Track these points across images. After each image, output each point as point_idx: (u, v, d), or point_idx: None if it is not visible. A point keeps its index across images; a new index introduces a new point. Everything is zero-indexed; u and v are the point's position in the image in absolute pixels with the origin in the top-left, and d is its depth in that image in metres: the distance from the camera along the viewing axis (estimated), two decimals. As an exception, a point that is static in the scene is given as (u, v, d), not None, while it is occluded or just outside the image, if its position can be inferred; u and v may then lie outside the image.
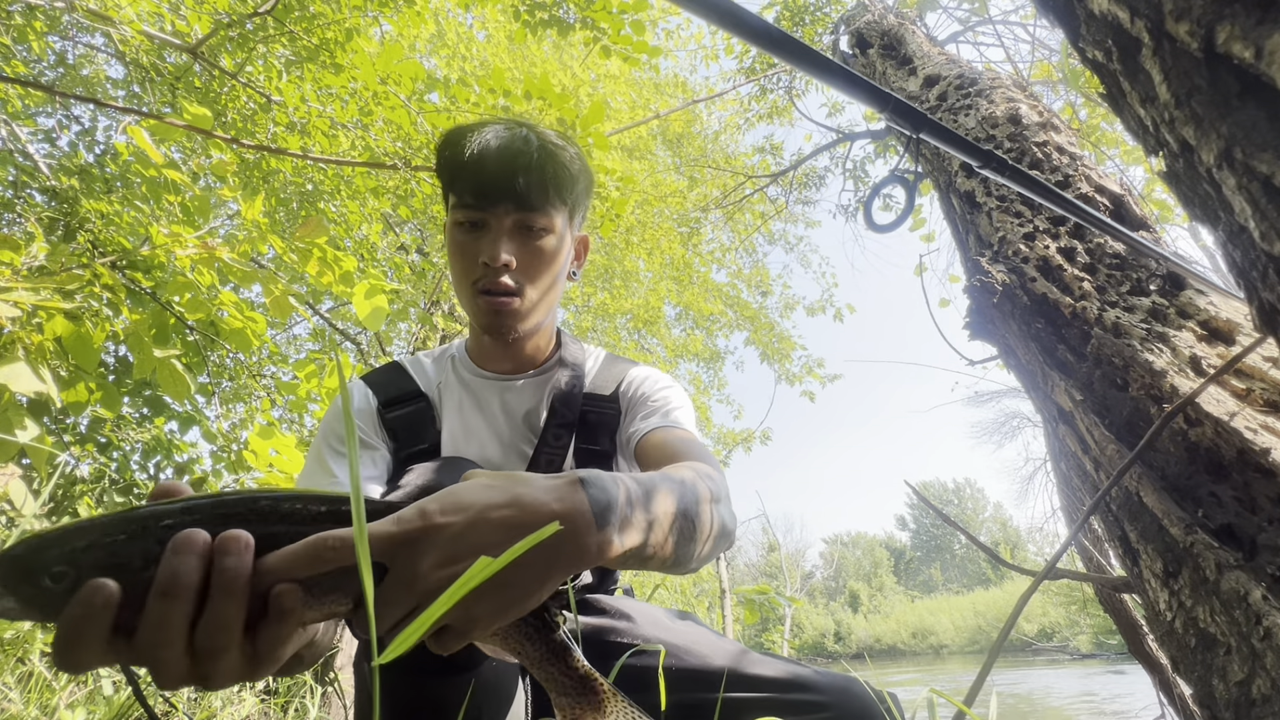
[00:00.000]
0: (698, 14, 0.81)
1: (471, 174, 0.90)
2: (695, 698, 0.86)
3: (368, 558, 0.31)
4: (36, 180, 2.51)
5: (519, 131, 0.93)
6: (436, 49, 6.15)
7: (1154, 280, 1.32)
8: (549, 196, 0.92)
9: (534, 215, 0.92)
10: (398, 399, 1.00)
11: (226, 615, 0.39)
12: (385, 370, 1.06)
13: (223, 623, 0.39)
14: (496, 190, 0.90)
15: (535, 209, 0.91)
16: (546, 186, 0.91)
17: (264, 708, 3.36)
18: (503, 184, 0.89)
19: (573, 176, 0.96)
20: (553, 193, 0.92)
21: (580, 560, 0.50)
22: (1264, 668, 0.76)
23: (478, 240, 0.92)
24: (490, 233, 0.91)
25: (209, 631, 0.39)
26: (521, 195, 0.90)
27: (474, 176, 0.90)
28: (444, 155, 0.95)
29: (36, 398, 1.53)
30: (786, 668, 0.86)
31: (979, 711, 0.73)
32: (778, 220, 7.99)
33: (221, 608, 0.39)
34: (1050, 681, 14.15)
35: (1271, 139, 0.48)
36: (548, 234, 0.95)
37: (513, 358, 1.04)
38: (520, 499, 0.49)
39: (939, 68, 2.49)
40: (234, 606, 0.39)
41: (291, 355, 6.06)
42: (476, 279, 0.92)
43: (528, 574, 0.48)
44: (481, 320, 0.96)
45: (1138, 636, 1.71)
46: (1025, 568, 1.31)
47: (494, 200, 0.90)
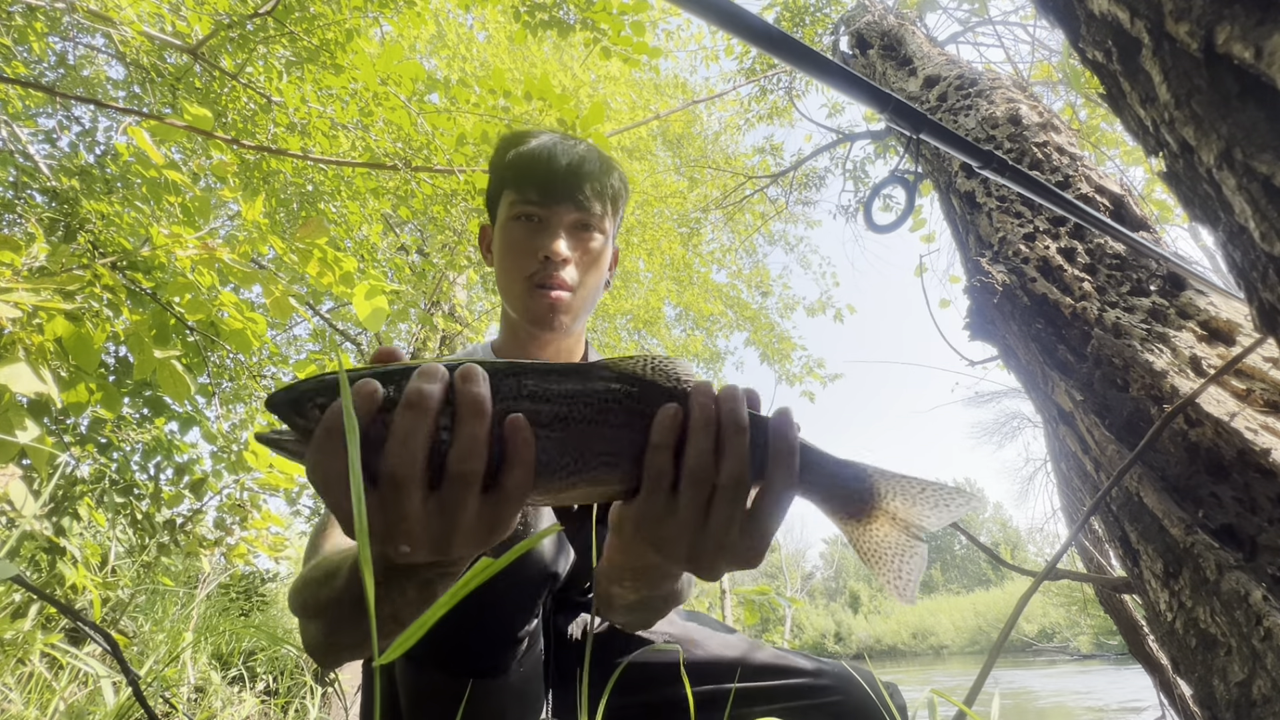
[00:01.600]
0: (698, 15, 0.81)
1: (540, 173, 0.97)
2: (708, 688, 0.91)
3: (368, 555, 0.31)
4: (37, 181, 2.51)
5: (579, 142, 1.03)
6: (437, 50, 6.15)
7: (1154, 281, 1.32)
8: (604, 203, 1.01)
9: (591, 217, 1.00)
10: None
11: (475, 435, 0.41)
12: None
13: (470, 445, 0.41)
14: (561, 190, 0.97)
15: (593, 212, 0.99)
16: (604, 193, 1.00)
17: (264, 708, 3.36)
18: (567, 185, 0.97)
19: (623, 189, 1.05)
20: (608, 200, 1.01)
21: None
22: (1264, 668, 0.76)
23: (535, 236, 0.98)
24: (549, 229, 0.98)
25: (458, 455, 0.41)
26: (583, 198, 0.98)
27: (541, 175, 0.97)
28: (506, 154, 1.02)
29: (37, 398, 1.53)
30: (791, 657, 0.93)
31: (981, 711, 0.73)
32: (778, 221, 7.99)
33: (469, 429, 0.41)
34: (1050, 682, 14.14)
35: (1271, 139, 0.48)
36: (600, 237, 1.02)
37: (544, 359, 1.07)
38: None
39: (939, 68, 2.49)
40: (480, 426, 0.41)
41: (292, 356, 6.06)
42: (532, 272, 0.97)
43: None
44: (533, 312, 0.99)
45: (1138, 637, 1.71)
46: (1025, 568, 1.31)
47: (558, 199, 0.97)
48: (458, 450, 0.41)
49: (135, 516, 2.61)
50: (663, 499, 0.46)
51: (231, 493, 2.70)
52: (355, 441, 0.36)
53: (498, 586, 0.74)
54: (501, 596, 0.75)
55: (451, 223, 3.16)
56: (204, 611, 4.13)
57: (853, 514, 0.54)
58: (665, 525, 0.47)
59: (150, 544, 2.81)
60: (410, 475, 0.41)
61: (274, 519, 2.76)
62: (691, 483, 0.46)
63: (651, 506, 0.47)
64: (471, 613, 0.74)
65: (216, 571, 3.74)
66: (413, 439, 0.40)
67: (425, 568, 0.50)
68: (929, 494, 0.54)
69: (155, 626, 3.46)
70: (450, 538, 0.43)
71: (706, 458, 0.46)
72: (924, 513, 0.54)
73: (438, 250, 3.66)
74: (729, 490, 0.46)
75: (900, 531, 0.54)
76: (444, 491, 0.42)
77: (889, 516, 0.54)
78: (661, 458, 0.46)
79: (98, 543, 2.62)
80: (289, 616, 6.47)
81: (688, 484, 0.46)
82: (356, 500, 0.34)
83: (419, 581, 0.52)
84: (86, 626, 1.30)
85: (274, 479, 2.52)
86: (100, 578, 2.47)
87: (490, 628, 0.77)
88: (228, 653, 3.89)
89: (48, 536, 2.23)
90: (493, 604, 0.75)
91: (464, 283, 5.95)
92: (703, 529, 0.47)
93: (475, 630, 0.76)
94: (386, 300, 2.03)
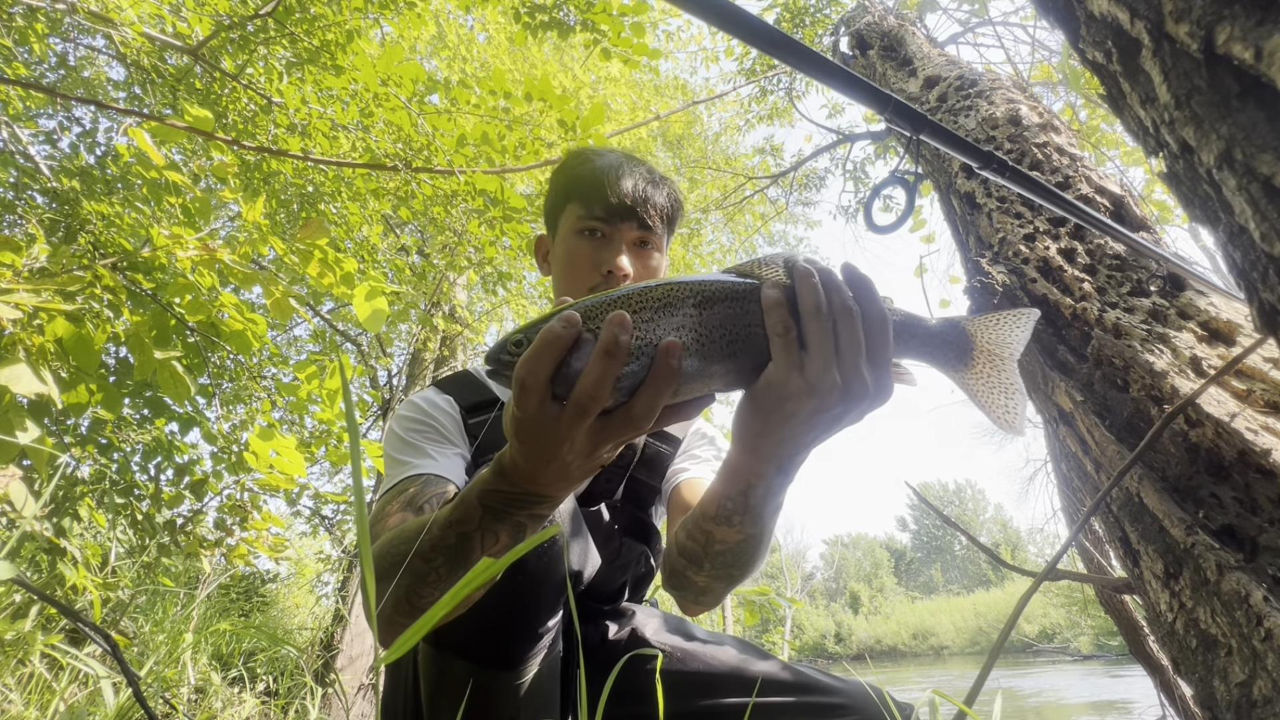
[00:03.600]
0: (698, 15, 0.81)
1: (606, 190, 1.01)
2: (722, 702, 0.93)
3: (369, 552, 0.31)
4: (38, 182, 2.51)
5: (643, 163, 1.08)
6: (437, 50, 6.16)
7: (1154, 281, 1.32)
8: (664, 221, 1.06)
9: (651, 235, 1.05)
10: (478, 405, 1.07)
11: (656, 384, 0.53)
12: (460, 378, 1.13)
13: (650, 385, 0.52)
14: (625, 209, 1.02)
15: (653, 230, 1.04)
16: (665, 212, 1.05)
17: (264, 709, 3.36)
18: (633, 202, 1.02)
19: (680, 207, 1.11)
20: (667, 219, 1.07)
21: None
22: (1265, 669, 0.76)
23: (598, 250, 1.03)
24: (612, 245, 1.03)
25: (643, 391, 0.53)
26: (645, 215, 1.03)
27: (607, 193, 1.01)
28: (574, 171, 1.07)
29: (37, 399, 1.53)
30: (808, 674, 0.94)
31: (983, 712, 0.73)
32: (778, 221, 8.00)
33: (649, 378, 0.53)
34: (1051, 683, 14.13)
35: (1271, 140, 0.48)
36: (657, 255, 1.07)
37: None
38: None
39: (939, 69, 2.49)
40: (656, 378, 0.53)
41: (292, 356, 6.06)
42: (594, 286, 1.02)
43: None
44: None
45: (1139, 637, 1.71)
46: (1026, 569, 1.30)
47: (623, 216, 1.02)
48: (641, 388, 0.52)
49: (135, 517, 2.61)
50: (792, 355, 0.56)
51: (232, 493, 2.70)
52: (356, 441, 0.36)
53: (523, 580, 0.77)
54: (526, 590, 0.78)
55: (452, 223, 3.16)
56: (204, 612, 4.13)
57: (961, 360, 0.64)
58: (791, 382, 0.56)
59: (150, 545, 2.81)
60: (594, 409, 0.51)
61: (274, 520, 2.76)
62: (809, 321, 0.56)
63: (781, 367, 0.56)
64: (496, 605, 0.76)
65: (217, 572, 3.74)
66: (601, 386, 0.50)
67: (520, 507, 0.60)
68: (1005, 322, 0.64)
69: (155, 627, 3.46)
70: (601, 449, 0.54)
71: (817, 301, 0.56)
72: (1008, 338, 0.63)
73: (438, 251, 3.66)
74: (847, 318, 0.56)
75: (998, 365, 0.63)
76: (614, 413, 0.53)
77: (986, 354, 0.64)
78: (778, 311, 0.56)
79: (98, 543, 2.62)
80: (289, 617, 6.48)
81: (808, 321, 0.56)
82: (358, 502, 0.34)
83: (512, 525, 0.62)
84: (87, 627, 1.30)
85: (274, 480, 2.52)
86: (100, 578, 2.47)
87: (514, 620, 0.79)
88: (228, 653, 3.89)
89: (48, 537, 2.23)
90: (517, 597, 0.78)
91: (464, 284, 5.95)
92: (826, 370, 0.55)
93: (499, 621, 0.78)
94: (386, 301, 2.03)
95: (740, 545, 0.74)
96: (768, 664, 0.96)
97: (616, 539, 1.08)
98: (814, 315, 0.55)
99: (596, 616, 1.09)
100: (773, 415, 0.58)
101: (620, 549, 1.09)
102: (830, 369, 0.55)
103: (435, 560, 0.65)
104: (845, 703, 0.88)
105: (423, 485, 0.88)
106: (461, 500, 0.63)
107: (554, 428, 0.52)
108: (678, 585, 0.85)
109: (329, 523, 5.09)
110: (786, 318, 0.55)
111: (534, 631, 0.81)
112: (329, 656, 4.45)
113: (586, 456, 0.55)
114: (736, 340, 0.57)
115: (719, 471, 0.71)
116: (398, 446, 0.97)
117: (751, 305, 0.57)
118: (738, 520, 0.70)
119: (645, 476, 1.13)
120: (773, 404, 0.57)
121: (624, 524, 1.11)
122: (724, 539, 0.73)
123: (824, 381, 0.55)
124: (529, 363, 0.51)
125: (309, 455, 2.95)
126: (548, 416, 0.52)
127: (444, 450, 0.97)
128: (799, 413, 0.56)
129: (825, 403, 0.56)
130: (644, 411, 0.53)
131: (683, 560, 0.80)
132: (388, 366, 6.30)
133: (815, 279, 0.56)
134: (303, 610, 6.64)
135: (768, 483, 0.66)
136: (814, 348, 0.55)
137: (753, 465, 0.65)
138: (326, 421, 2.92)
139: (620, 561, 1.09)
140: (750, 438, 0.62)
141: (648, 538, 1.15)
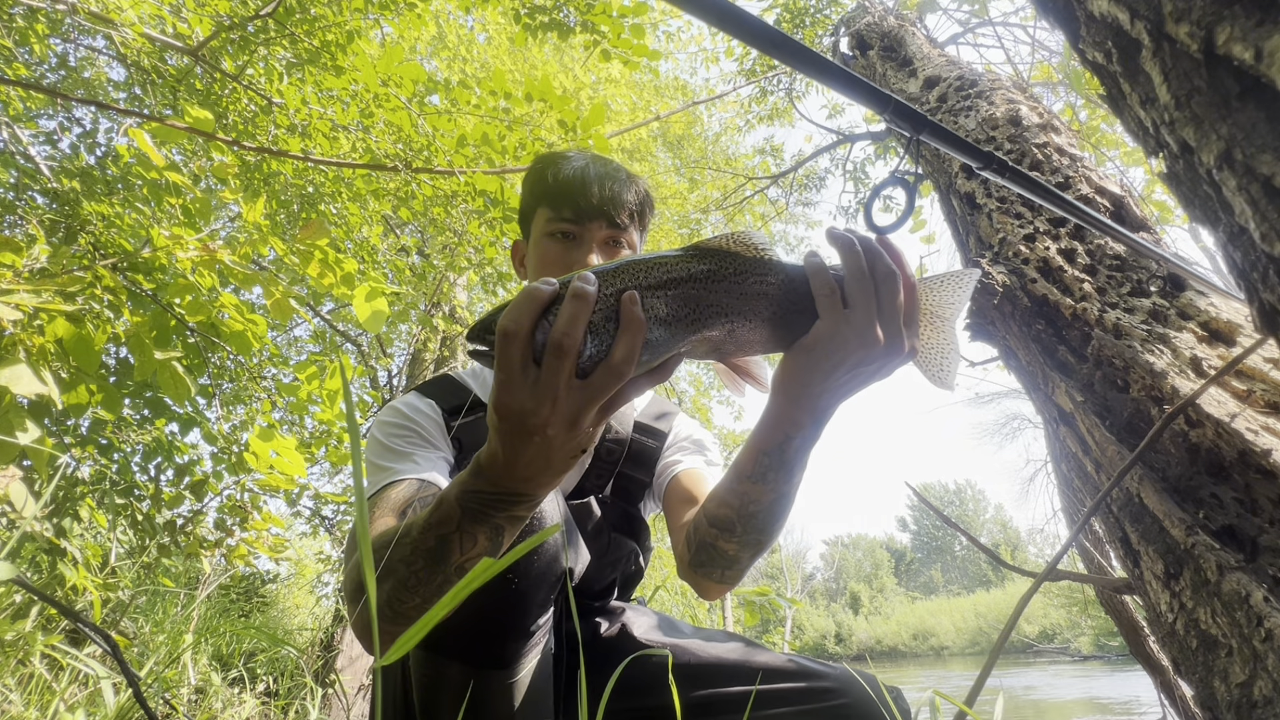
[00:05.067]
0: (698, 16, 0.81)
1: (574, 192, 1.03)
2: (709, 692, 0.94)
3: (369, 555, 0.31)
4: (38, 182, 2.51)
5: (610, 161, 1.09)
6: (437, 51, 6.16)
7: (1154, 281, 1.32)
8: (634, 218, 1.07)
9: (621, 233, 1.06)
10: (460, 408, 1.07)
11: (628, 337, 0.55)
12: (441, 382, 1.14)
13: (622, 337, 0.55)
14: (594, 208, 1.03)
15: (623, 227, 1.06)
16: (633, 209, 1.06)
17: (264, 710, 3.36)
18: (600, 203, 1.03)
19: (650, 204, 1.12)
20: (636, 215, 1.08)
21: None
22: (1265, 669, 0.76)
23: (569, 253, 1.04)
24: (583, 246, 1.04)
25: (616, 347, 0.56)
26: (614, 214, 1.04)
27: (576, 194, 1.03)
28: (542, 174, 1.08)
29: (38, 400, 1.53)
30: (794, 661, 0.95)
31: (983, 712, 0.73)
32: (778, 221, 8.00)
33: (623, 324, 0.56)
34: (1051, 683, 14.12)
35: (1271, 140, 0.48)
36: (629, 250, 1.08)
37: None
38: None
39: (939, 69, 2.49)
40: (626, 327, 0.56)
41: (292, 357, 6.06)
42: None
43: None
44: None
45: (1139, 638, 1.71)
46: (1026, 569, 1.30)
47: (591, 216, 1.03)
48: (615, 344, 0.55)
49: (136, 518, 2.61)
50: (838, 311, 0.62)
51: (232, 494, 2.70)
52: (356, 441, 0.36)
53: (517, 580, 0.78)
54: (515, 588, 0.78)
55: (452, 224, 3.16)
56: (204, 613, 4.13)
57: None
58: (839, 334, 0.62)
59: (150, 545, 2.81)
60: (570, 349, 0.52)
61: (274, 520, 2.76)
62: (856, 283, 0.62)
63: (829, 322, 0.62)
64: (489, 605, 0.77)
65: (217, 573, 3.74)
66: (575, 324, 0.53)
67: (498, 508, 0.61)
68: (948, 282, 0.67)
69: (156, 628, 3.46)
70: (583, 414, 0.55)
71: (861, 267, 0.63)
72: (950, 299, 0.67)
73: (438, 252, 3.66)
74: (890, 281, 0.62)
75: (939, 325, 0.67)
76: (590, 377, 0.55)
77: (929, 314, 0.67)
78: (823, 274, 0.63)
79: (98, 544, 2.62)
80: (289, 617, 6.47)
81: (854, 283, 0.62)
82: (359, 502, 0.34)
83: (490, 527, 0.62)
84: (87, 628, 1.30)
85: (274, 480, 2.52)
86: (101, 579, 2.47)
87: (504, 618, 0.79)
88: (228, 654, 3.89)
89: (48, 538, 2.22)
90: (511, 596, 0.78)
91: (464, 284, 5.95)
92: (870, 325, 0.61)
93: (492, 621, 0.78)
94: (386, 302, 2.03)
95: (772, 504, 0.78)
96: (759, 654, 0.98)
97: (605, 534, 1.09)
98: (858, 278, 0.62)
99: (586, 614, 1.09)
100: (819, 366, 0.64)
101: (609, 545, 1.09)
102: (873, 325, 0.62)
103: (416, 564, 0.65)
104: (833, 686, 0.89)
105: (406, 490, 0.88)
106: (440, 502, 0.64)
107: (535, 386, 0.54)
108: (705, 560, 0.88)
109: (329, 523, 5.09)
110: (830, 280, 0.62)
111: (526, 630, 0.81)
112: (329, 657, 4.45)
113: (569, 426, 0.56)
114: (694, 306, 0.60)
115: (755, 429, 0.75)
116: (379, 452, 0.97)
117: (715, 279, 0.61)
118: (772, 476, 0.74)
119: (634, 471, 1.14)
120: (820, 355, 0.63)
121: (613, 519, 1.12)
122: (758, 498, 0.77)
123: (869, 335, 0.62)
124: (511, 313, 0.54)
125: (309, 456, 2.95)
126: (528, 377, 0.54)
127: (427, 454, 0.97)
128: (845, 363, 0.63)
129: (870, 354, 0.62)
130: (623, 358, 0.55)
131: (714, 530, 0.83)
132: (388, 367, 6.31)
133: (857, 246, 0.63)
134: (303, 611, 6.64)
135: (805, 433, 0.71)
136: (859, 306, 0.62)
137: (793, 415, 0.69)
138: (327, 422, 2.92)
139: (609, 558, 1.10)
140: (796, 388, 0.67)
141: (637, 534, 1.16)
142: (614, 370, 0.55)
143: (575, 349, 0.53)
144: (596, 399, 0.55)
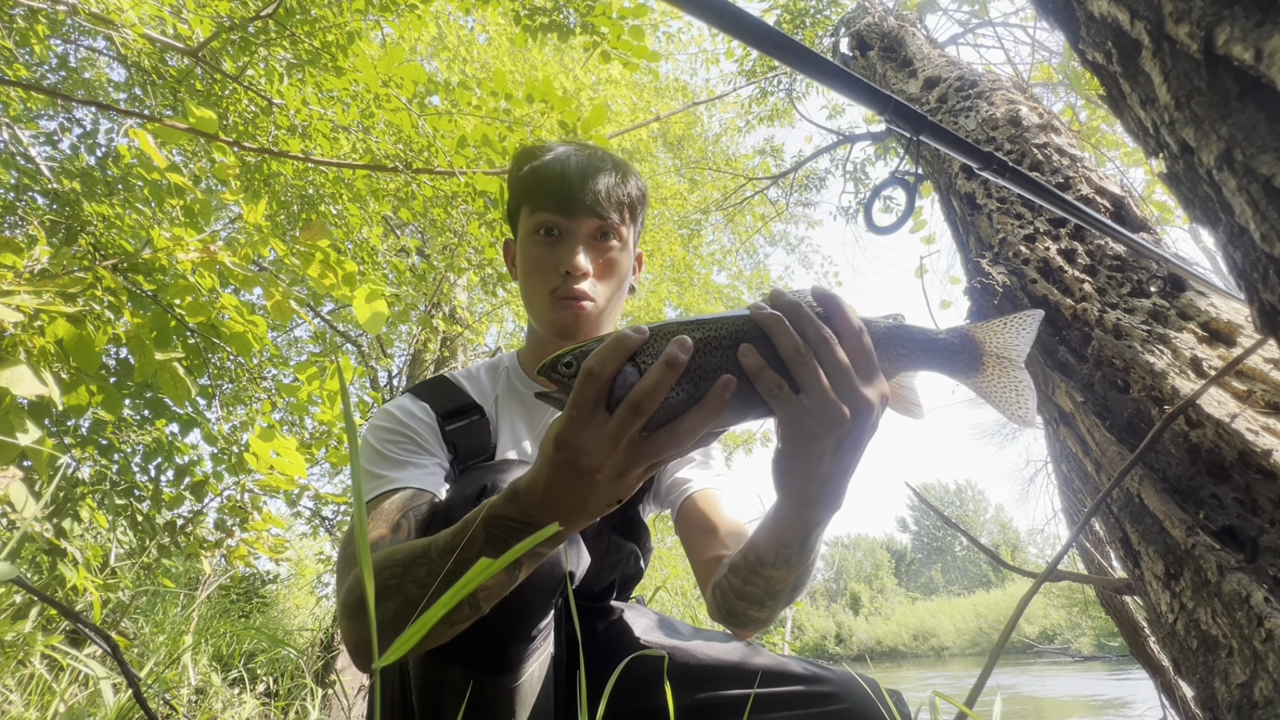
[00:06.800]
0: (698, 17, 0.81)
1: (556, 185, 0.98)
2: (709, 695, 0.93)
3: (368, 557, 0.31)
4: (38, 183, 2.52)
5: (595, 151, 1.03)
6: (438, 52, 6.16)
7: (1155, 282, 1.32)
8: (622, 210, 1.02)
9: (609, 226, 1.01)
10: (454, 412, 1.04)
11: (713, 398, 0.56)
12: (435, 384, 1.10)
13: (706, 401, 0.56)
14: (578, 201, 0.97)
15: (611, 220, 1.00)
16: (621, 201, 1.01)
17: (264, 710, 3.35)
18: (585, 195, 0.97)
19: (641, 194, 1.06)
20: (625, 207, 1.02)
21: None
22: (1266, 670, 0.76)
23: (555, 249, 1.00)
24: (569, 241, 0.99)
25: (699, 408, 0.56)
26: (600, 207, 0.98)
27: (556, 187, 0.98)
28: (524, 168, 1.03)
29: (38, 400, 1.53)
30: (793, 663, 0.94)
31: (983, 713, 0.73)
32: (778, 221, 8.00)
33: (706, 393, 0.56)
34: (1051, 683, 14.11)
35: (1271, 140, 0.48)
36: (619, 244, 1.03)
37: None
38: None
39: (939, 70, 2.49)
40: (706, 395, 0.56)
41: (292, 358, 6.06)
42: (554, 287, 0.99)
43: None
44: (557, 325, 1.01)
45: (1139, 638, 1.71)
46: (1026, 569, 1.30)
47: (576, 210, 0.98)
48: (698, 405, 0.56)
49: (136, 518, 2.61)
50: (793, 404, 0.57)
51: (232, 494, 2.70)
52: (355, 442, 0.36)
53: (520, 585, 0.76)
54: (517, 592, 0.76)
55: (452, 225, 3.16)
56: (204, 613, 4.13)
57: (972, 367, 0.67)
58: (804, 427, 0.57)
59: (151, 546, 2.81)
60: (647, 410, 0.53)
61: (274, 521, 2.76)
62: (794, 365, 0.57)
63: (789, 417, 0.58)
64: (492, 609, 0.76)
65: (217, 573, 3.74)
66: (659, 390, 0.53)
67: (521, 534, 0.60)
68: (1011, 325, 0.67)
69: (156, 628, 3.46)
70: (634, 468, 0.56)
71: (794, 344, 0.58)
72: (1015, 340, 0.67)
73: (438, 252, 3.67)
74: (825, 348, 0.58)
75: (1007, 366, 0.67)
76: (656, 429, 0.56)
77: (995, 358, 0.67)
78: (765, 374, 0.57)
79: (98, 544, 2.62)
80: (289, 618, 6.47)
81: (792, 365, 0.57)
82: (357, 503, 0.34)
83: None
84: (87, 628, 1.30)
85: (274, 481, 2.52)
86: (101, 579, 2.47)
87: (504, 622, 0.78)
88: (228, 654, 3.88)
89: (48, 538, 2.23)
90: (514, 600, 0.76)
91: (464, 285, 5.95)
92: (828, 401, 0.57)
93: (495, 625, 0.77)
94: (386, 303, 2.03)
95: (799, 577, 0.78)
96: (759, 656, 0.97)
97: (606, 536, 1.08)
98: (796, 358, 0.57)
99: (585, 614, 1.08)
100: (804, 466, 0.60)
101: (609, 547, 1.08)
102: (830, 399, 0.57)
103: (430, 585, 0.64)
104: (833, 690, 0.88)
105: (400, 500, 0.86)
106: (465, 525, 0.63)
107: (601, 431, 0.54)
108: (739, 624, 0.90)
109: (329, 524, 5.09)
110: (773, 376, 0.57)
111: (527, 634, 0.81)
112: (329, 657, 4.44)
113: (617, 477, 0.56)
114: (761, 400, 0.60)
115: (770, 522, 0.73)
116: (372, 459, 0.94)
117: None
118: (796, 560, 0.74)
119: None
120: (801, 454, 0.60)
121: (613, 522, 1.10)
122: (784, 579, 0.78)
123: (832, 413, 0.57)
124: (600, 355, 0.54)
125: (309, 456, 2.95)
126: (597, 419, 0.54)
127: (422, 461, 0.94)
128: (826, 449, 0.58)
129: (841, 430, 0.57)
130: (689, 430, 0.55)
131: (743, 603, 0.84)
132: (388, 367, 6.30)
133: (784, 324, 0.58)
134: (303, 611, 6.64)
135: (823, 525, 0.69)
136: (809, 387, 0.57)
137: (808, 515, 0.67)
138: (327, 423, 2.92)
139: (609, 560, 1.08)
140: (797, 489, 0.64)
141: (637, 536, 1.14)
142: (678, 438, 0.56)
143: (652, 410, 0.54)
144: (652, 457, 0.56)
